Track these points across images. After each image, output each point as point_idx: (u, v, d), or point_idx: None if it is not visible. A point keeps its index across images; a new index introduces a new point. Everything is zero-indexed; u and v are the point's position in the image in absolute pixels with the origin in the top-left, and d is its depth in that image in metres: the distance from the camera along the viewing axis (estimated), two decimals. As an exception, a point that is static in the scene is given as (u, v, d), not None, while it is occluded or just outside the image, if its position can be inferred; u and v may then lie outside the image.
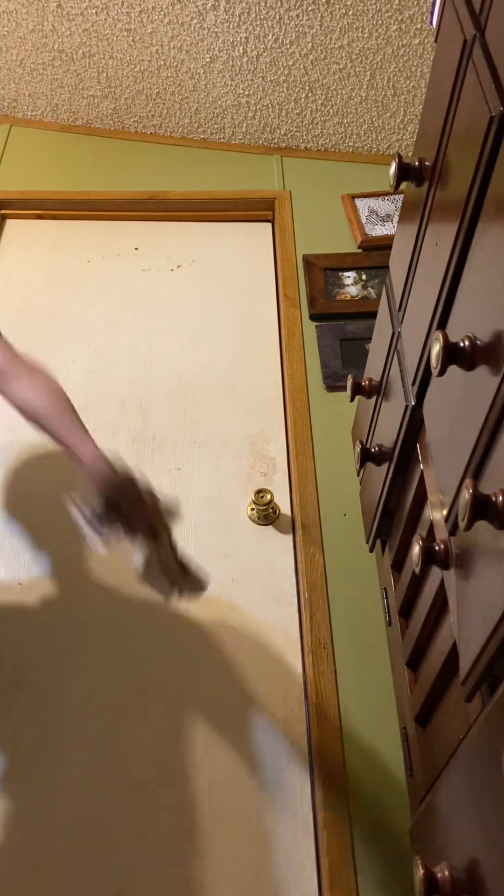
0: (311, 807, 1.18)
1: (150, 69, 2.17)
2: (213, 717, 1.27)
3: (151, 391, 1.75)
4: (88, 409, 1.71)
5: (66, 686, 1.30)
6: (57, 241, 2.09)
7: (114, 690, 1.30)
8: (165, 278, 2.00)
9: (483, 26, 0.70)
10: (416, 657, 1.06)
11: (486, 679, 0.69)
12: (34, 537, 1.50)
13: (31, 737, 1.25)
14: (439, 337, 0.68)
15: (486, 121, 0.64)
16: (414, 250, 0.93)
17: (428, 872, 0.71)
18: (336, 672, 1.30)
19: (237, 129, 2.28)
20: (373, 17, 1.93)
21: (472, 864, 0.65)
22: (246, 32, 2.02)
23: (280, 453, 1.63)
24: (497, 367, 0.62)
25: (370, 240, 2.00)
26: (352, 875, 1.10)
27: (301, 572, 1.42)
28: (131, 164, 2.27)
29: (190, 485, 1.58)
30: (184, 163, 2.27)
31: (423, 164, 0.86)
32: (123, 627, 1.37)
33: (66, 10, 2.07)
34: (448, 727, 0.87)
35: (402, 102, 2.11)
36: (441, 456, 0.82)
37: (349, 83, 2.09)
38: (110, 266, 2.03)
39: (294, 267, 1.96)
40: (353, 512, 1.50)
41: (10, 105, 2.36)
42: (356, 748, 1.22)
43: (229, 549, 1.48)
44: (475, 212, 0.70)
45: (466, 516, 0.59)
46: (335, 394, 1.70)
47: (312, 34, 1.99)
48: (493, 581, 0.64)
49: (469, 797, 0.70)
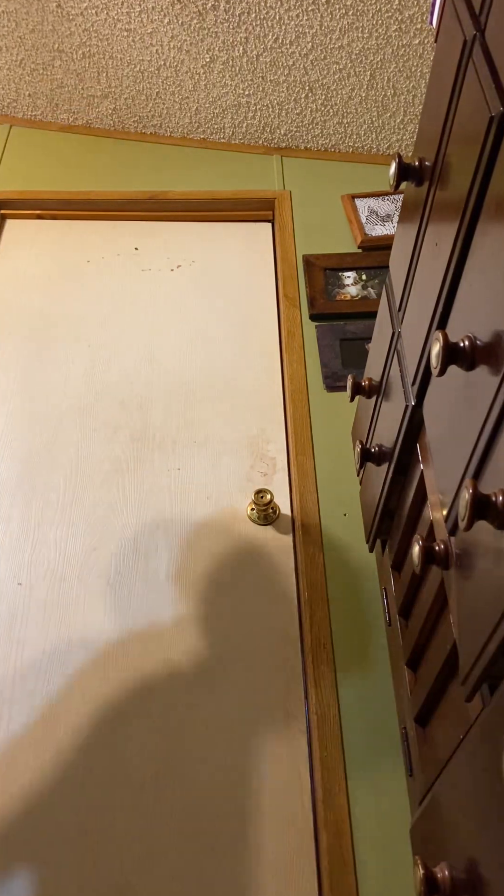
0: (312, 806, 1.18)
1: (150, 69, 2.17)
2: (213, 716, 1.27)
3: (151, 391, 1.75)
4: (88, 408, 1.71)
5: (66, 685, 1.30)
6: (57, 241, 2.09)
7: (113, 690, 1.30)
8: (165, 278, 2.00)
9: (483, 26, 0.70)
10: (416, 657, 1.06)
11: (486, 679, 0.69)
12: (34, 537, 1.50)
13: (31, 736, 1.25)
14: (439, 337, 0.68)
15: (486, 121, 0.64)
16: (414, 250, 0.93)
17: (428, 872, 0.71)
18: (336, 672, 1.30)
19: (237, 129, 2.28)
20: (373, 17, 1.93)
21: (472, 864, 0.65)
22: (246, 32, 2.02)
23: (280, 453, 1.63)
24: (497, 367, 0.62)
25: (370, 240, 2.00)
26: (352, 875, 1.10)
27: (301, 572, 1.42)
28: (131, 164, 2.27)
29: (190, 485, 1.58)
30: (184, 163, 2.27)
31: (423, 164, 0.86)
32: (123, 627, 1.38)
33: (66, 10, 2.07)
34: (448, 727, 0.87)
35: (402, 102, 2.11)
36: (441, 456, 0.82)
37: (349, 83, 2.09)
38: (110, 266, 2.03)
39: (294, 267, 1.96)
40: (353, 512, 1.50)
41: (10, 105, 2.36)
42: (356, 748, 1.22)
43: (229, 549, 1.48)
44: (475, 212, 0.70)
45: (466, 516, 0.59)
46: (335, 394, 1.70)
47: (312, 34, 1.99)
48: (493, 581, 0.64)
49: (469, 797, 0.70)
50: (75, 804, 1.18)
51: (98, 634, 1.37)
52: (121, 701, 1.29)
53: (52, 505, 1.54)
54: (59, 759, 1.23)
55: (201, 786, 1.20)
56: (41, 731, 1.25)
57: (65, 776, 1.21)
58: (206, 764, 1.22)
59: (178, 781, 1.20)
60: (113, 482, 1.58)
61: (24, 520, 1.52)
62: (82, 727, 1.26)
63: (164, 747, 1.24)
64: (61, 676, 1.31)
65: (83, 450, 1.63)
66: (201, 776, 1.21)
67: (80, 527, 1.51)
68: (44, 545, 1.48)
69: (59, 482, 1.58)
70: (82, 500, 1.55)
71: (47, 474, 1.59)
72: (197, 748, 1.24)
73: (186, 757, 1.23)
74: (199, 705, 1.29)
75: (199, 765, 1.22)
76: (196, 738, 1.25)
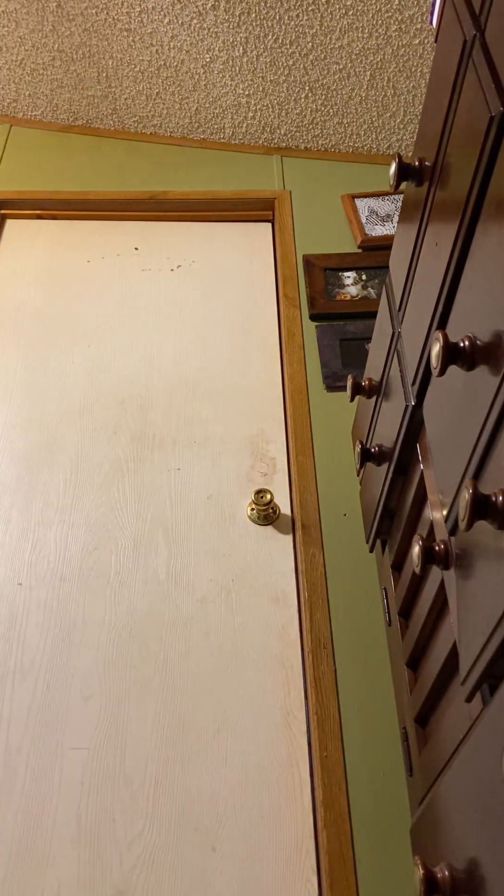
0: (312, 807, 1.18)
1: (150, 69, 2.17)
2: (213, 716, 1.27)
3: (151, 391, 1.75)
4: (88, 408, 1.71)
5: (66, 686, 1.30)
6: (57, 241, 2.09)
7: (113, 690, 1.30)
8: (165, 278, 2.00)
9: (483, 26, 0.70)
10: (416, 657, 1.06)
11: (486, 679, 0.69)
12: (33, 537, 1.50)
13: (31, 736, 1.25)
14: (439, 337, 0.68)
15: (486, 121, 0.64)
16: (414, 250, 0.93)
17: (428, 872, 0.71)
18: (336, 672, 1.30)
19: (237, 129, 2.28)
20: (373, 17, 1.93)
21: (472, 864, 0.65)
22: (246, 32, 2.02)
23: (280, 453, 1.63)
24: (497, 367, 0.62)
25: (370, 240, 2.00)
26: (352, 875, 1.10)
27: (301, 572, 1.42)
28: (131, 164, 2.27)
29: (190, 485, 1.58)
30: (184, 163, 2.27)
31: (423, 164, 0.86)
32: (123, 627, 1.38)
33: (66, 10, 2.07)
34: (448, 727, 0.87)
35: (402, 102, 2.11)
36: (441, 456, 0.82)
37: (349, 83, 2.09)
38: (110, 266, 2.03)
39: (294, 267, 1.96)
40: (353, 512, 1.50)
41: (10, 105, 2.36)
42: (356, 748, 1.22)
43: (229, 549, 1.48)
44: (475, 212, 0.70)
45: (466, 516, 0.59)
46: (335, 394, 1.70)
47: (312, 34, 1.99)
48: (493, 581, 0.64)
49: (469, 797, 0.70)
50: (75, 804, 1.18)
51: (98, 634, 1.37)
52: (121, 701, 1.29)
53: (52, 505, 1.54)
54: (59, 758, 1.23)
55: (201, 785, 1.20)
56: (41, 731, 1.25)
57: (64, 776, 1.21)
58: (207, 763, 1.22)
59: (178, 781, 1.20)
60: (113, 482, 1.58)
61: (24, 520, 1.52)
62: (82, 727, 1.26)
63: (164, 747, 1.24)
64: (61, 676, 1.31)
65: (83, 450, 1.63)
66: (201, 776, 1.21)
67: (80, 527, 1.51)
68: (44, 545, 1.48)
69: (59, 482, 1.58)
70: (82, 500, 1.55)
71: (47, 474, 1.59)
72: (197, 748, 1.24)
73: (186, 757, 1.23)
74: (199, 705, 1.29)
75: (200, 764, 1.22)
76: (196, 738, 1.25)
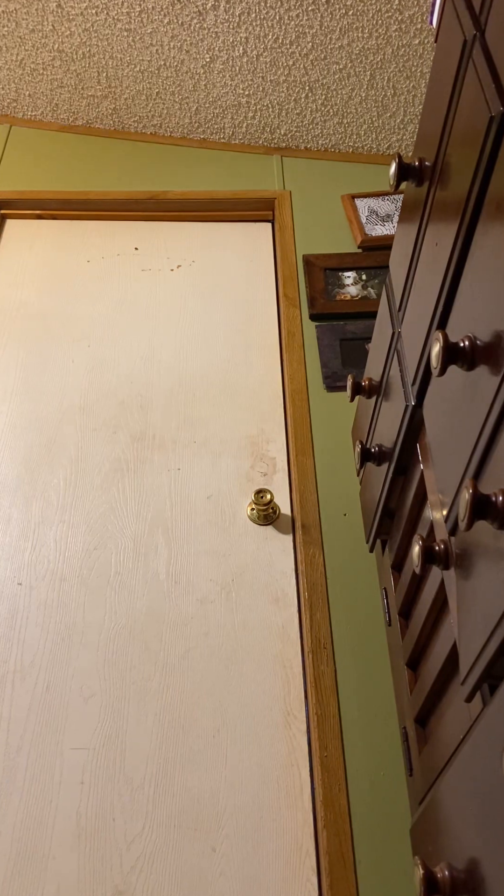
0: (312, 807, 1.18)
1: (150, 69, 2.17)
2: (213, 716, 1.27)
3: (151, 391, 1.75)
4: (88, 408, 1.71)
5: (66, 686, 1.30)
6: (57, 241, 2.09)
7: (113, 690, 1.30)
8: (165, 278, 2.00)
9: (483, 26, 0.70)
10: (416, 657, 1.06)
11: (486, 679, 0.69)
12: (33, 537, 1.50)
13: (31, 735, 1.25)
14: (439, 337, 0.68)
15: (486, 121, 0.64)
16: (414, 250, 0.93)
17: (428, 872, 0.71)
18: (336, 672, 1.30)
19: (237, 129, 2.28)
20: (373, 17, 1.93)
21: (472, 864, 0.65)
22: (246, 32, 2.02)
23: (280, 453, 1.63)
24: (497, 367, 0.62)
25: (370, 240, 2.00)
26: (352, 875, 1.10)
27: (301, 572, 1.42)
28: (131, 164, 2.27)
29: (190, 485, 1.58)
30: (184, 163, 2.27)
31: (423, 164, 0.86)
32: (123, 627, 1.38)
33: (66, 10, 2.07)
34: (448, 727, 0.87)
35: (402, 102, 2.11)
36: (441, 456, 0.82)
37: (349, 83, 2.09)
38: (110, 266, 2.03)
39: (294, 267, 1.96)
40: (353, 512, 1.50)
41: (10, 105, 2.36)
42: (356, 748, 1.22)
43: (229, 549, 1.48)
44: (475, 212, 0.70)
45: (466, 516, 0.59)
46: (335, 394, 1.70)
47: (312, 34, 1.99)
48: (492, 581, 0.64)
49: (469, 797, 0.70)
50: (75, 804, 1.18)
51: (98, 634, 1.37)
52: (121, 701, 1.29)
53: (52, 505, 1.54)
54: (59, 758, 1.23)
55: (201, 785, 1.20)
56: (41, 731, 1.25)
57: (64, 776, 1.21)
58: (207, 763, 1.22)
59: (178, 781, 1.20)
60: (113, 482, 1.58)
61: (24, 520, 1.52)
62: (82, 727, 1.26)
63: (164, 747, 1.24)
64: (61, 676, 1.31)
65: (83, 450, 1.64)
66: (201, 776, 1.21)
67: (80, 527, 1.51)
68: (44, 545, 1.48)
69: (59, 482, 1.58)
70: (82, 500, 1.55)
71: (47, 474, 1.59)
72: (197, 748, 1.24)
73: (186, 757, 1.23)
74: (198, 705, 1.29)
75: (200, 764, 1.22)
76: (196, 738, 1.25)
